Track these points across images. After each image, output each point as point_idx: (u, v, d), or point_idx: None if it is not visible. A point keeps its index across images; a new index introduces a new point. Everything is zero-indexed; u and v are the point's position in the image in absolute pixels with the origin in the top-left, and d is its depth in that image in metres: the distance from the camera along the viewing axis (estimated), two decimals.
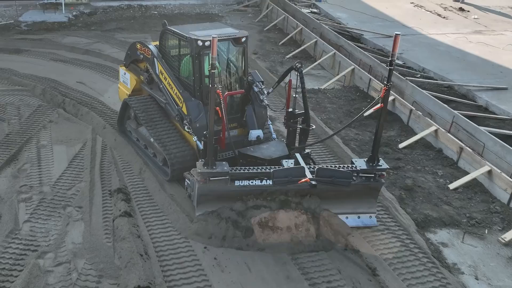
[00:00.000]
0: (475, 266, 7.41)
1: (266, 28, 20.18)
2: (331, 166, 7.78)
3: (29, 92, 12.65)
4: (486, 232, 8.15)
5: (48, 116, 11.35)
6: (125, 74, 10.72)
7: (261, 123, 9.00)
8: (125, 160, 9.64)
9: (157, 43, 9.54)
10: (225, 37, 8.44)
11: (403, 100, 12.20)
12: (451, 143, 10.31)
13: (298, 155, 8.08)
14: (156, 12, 22.11)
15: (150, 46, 9.48)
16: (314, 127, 8.88)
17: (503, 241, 7.89)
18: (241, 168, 7.57)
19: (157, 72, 9.28)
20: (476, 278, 7.17)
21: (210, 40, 7.86)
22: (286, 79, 8.85)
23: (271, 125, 9.51)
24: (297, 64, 8.31)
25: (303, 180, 7.23)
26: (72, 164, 9.41)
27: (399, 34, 6.86)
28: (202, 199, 7.47)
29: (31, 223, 7.73)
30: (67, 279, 6.64)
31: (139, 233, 7.54)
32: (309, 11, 22.36)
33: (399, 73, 13.91)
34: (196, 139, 8.41)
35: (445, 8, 23.88)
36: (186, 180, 8.09)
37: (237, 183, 7.43)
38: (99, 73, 14.31)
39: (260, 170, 7.54)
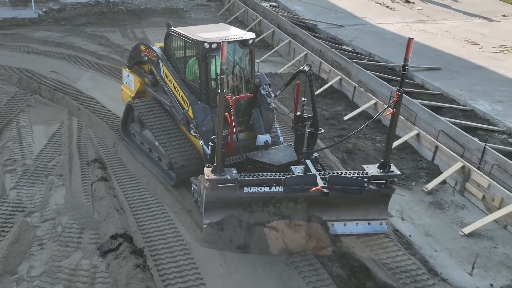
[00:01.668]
0: (402, 210, 8.61)
1: (228, 20, 21.06)
2: (342, 173, 7.50)
3: (6, 81, 13.21)
4: (413, 184, 9.39)
5: (26, 101, 12.01)
6: (128, 76, 10.42)
7: (268, 126, 8.71)
8: (100, 136, 10.44)
9: (162, 44, 9.30)
10: (232, 39, 8.16)
11: (349, 80, 13.40)
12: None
13: (308, 161, 7.69)
14: (123, 8, 22.68)
15: (154, 48, 9.22)
16: (323, 130, 8.54)
17: (426, 190, 9.14)
18: (250, 175, 7.23)
19: (162, 74, 8.98)
20: (402, 219, 8.36)
21: (217, 43, 7.82)
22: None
23: (278, 129, 9.16)
24: (305, 67, 8.00)
25: (315, 188, 6.87)
26: (51, 140, 10.16)
27: (412, 38, 6.56)
28: (210, 206, 7.13)
29: (17, 189, 8.49)
30: (53, 232, 7.48)
31: (115, 193, 8.43)
32: (268, 4, 23.36)
33: (347, 57, 15.12)
34: (203, 143, 8.08)
35: (393, 0, 25.31)
36: (193, 185, 7.89)
37: (245, 189, 7.09)
38: (71, 63, 14.93)
39: (269, 176, 7.23)
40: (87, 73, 14.16)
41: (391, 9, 23.74)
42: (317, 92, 13.43)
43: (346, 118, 11.92)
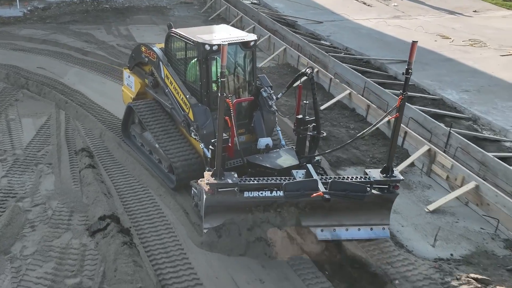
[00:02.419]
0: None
1: (211, 17, 21.47)
2: (344, 178, 7.24)
3: None
4: None
5: (14, 96, 12.26)
6: (129, 77, 10.24)
7: (270, 129, 8.57)
8: (87, 127, 10.75)
9: (162, 45, 9.19)
10: (233, 41, 8.04)
11: (325, 72, 13.90)
12: (361, 103, 12.09)
13: (309, 166, 7.52)
14: (107, 6, 22.85)
15: (155, 49, 9.07)
16: (325, 134, 8.34)
17: None
18: (250, 179, 7.03)
19: (163, 76, 8.83)
20: None
21: (218, 45, 7.70)
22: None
23: (279, 131, 8.97)
24: (307, 70, 7.84)
25: (316, 194, 6.71)
26: (40, 132, 10.45)
27: (416, 41, 6.37)
28: (210, 211, 6.96)
29: (8, 177, 8.79)
30: (43, 215, 7.81)
31: (102, 179, 8.78)
32: (250, 2, 23.78)
33: (324, 51, 15.62)
34: (203, 146, 7.94)
35: None
36: (193, 189, 7.79)
37: (246, 194, 6.91)
38: (57, 59, 15.16)
39: (270, 181, 7.01)
40: (73, 69, 14.42)
41: (368, 5, 24.34)
42: (295, 85, 13.89)
43: (322, 107, 12.39)
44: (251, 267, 6.89)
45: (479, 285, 6.71)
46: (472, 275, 6.91)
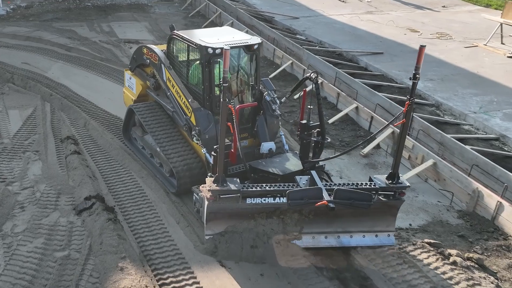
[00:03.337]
0: (341, 171, 9.72)
1: (191, 14, 21.85)
2: (349, 184, 7.00)
3: None
4: None
5: (0, 89, 12.53)
6: (130, 78, 10.06)
7: (273, 133, 8.41)
8: (72, 117, 11.13)
9: (164, 47, 9.05)
10: (236, 45, 7.84)
11: (299, 64, 14.48)
12: (332, 91, 12.69)
13: (314, 173, 7.31)
14: (90, 4, 23.04)
15: (157, 51, 8.89)
16: (329, 140, 8.16)
17: (362, 154, 10.29)
18: (253, 185, 6.80)
19: (164, 78, 8.65)
20: (341, 177, 9.47)
21: (220, 48, 7.52)
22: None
23: (283, 136, 8.80)
24: (312, 74, 7.68)
25: (321, 202, 6.52)
26: (26, 122, 10.79)
27: (424, 46, 6.25)
28: (212, 217, 6.78)
29: None
30: (32, 197, 8.22)
31: (87, 164, 9.20)
32: None
33: (299, 45, 16.18)
34: (205, 151, 7.75)
35: None
36: (195, 195, 7.67)
37: (248, 200, 6.70)
38: (41, 55, 15.38)
39: (273, 187, 6.81)
40: (57, 64, 14.70)
41: (343, 1, 24.97)
42: (271, 76, 14.47)
43: (295, 97, 12.94)
44: None
45: (432, 249, 7.35)
46: (426, 240, 7.55)
